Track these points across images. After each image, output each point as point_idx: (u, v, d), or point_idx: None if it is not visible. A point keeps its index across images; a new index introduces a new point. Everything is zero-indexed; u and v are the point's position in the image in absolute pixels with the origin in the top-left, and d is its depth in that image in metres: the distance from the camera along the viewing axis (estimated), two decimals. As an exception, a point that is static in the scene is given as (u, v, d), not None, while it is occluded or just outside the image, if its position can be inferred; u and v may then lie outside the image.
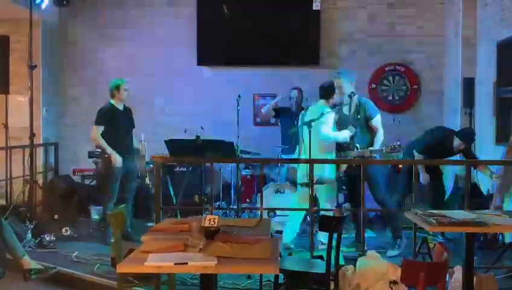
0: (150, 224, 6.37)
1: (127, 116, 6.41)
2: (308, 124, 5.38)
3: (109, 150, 6.13)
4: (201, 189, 6.60)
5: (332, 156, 5.71)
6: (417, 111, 8.40)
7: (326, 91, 5.82)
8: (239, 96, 7.03)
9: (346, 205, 7.42)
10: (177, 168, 7.51)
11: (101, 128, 6.20)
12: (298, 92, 7.38)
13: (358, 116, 5.61)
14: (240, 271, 3.49)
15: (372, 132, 5.70)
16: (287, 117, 7.27)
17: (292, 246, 5.78)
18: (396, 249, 5.63)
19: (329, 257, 3.66)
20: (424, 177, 6.24)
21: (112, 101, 6.30)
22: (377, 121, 5.70)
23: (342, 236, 3.80)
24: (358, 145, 5.58)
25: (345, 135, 5.63)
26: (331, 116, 5.72)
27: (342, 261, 4.35)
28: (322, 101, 5.83)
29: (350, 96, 5.71)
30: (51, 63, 8.31)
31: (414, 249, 4.92)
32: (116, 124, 6.24)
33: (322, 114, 5.55)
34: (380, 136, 5.67)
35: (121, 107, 6.33)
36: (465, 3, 7.50)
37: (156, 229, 3.69)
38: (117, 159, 6.11)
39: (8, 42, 6.78)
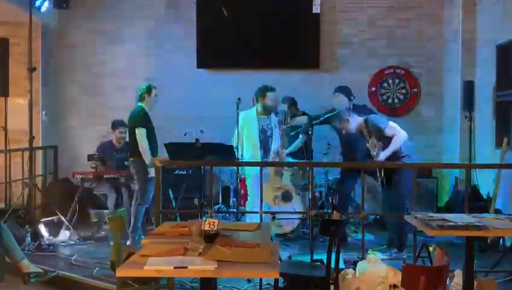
0: (149, 227, 6.35)
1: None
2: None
3: (149, 160, 5.96)
4: (200, 192, 6.58)
5: None
6: (417, 114, 8.38)
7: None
8: (239, 99, 7.00)
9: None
10: (177, 172, 7.49)
11: (145, 130, 6.05)
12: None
13: (369, 132, 5.68)
14: (240, 275, 3.49)
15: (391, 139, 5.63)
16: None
17: None
18: (384, 253, 5.46)
19: (329, 260, 3.66)
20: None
21: (142, 104, 6.18)
22: (390, 128, 5.67)
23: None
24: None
25: None
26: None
27: (341, 265, 4.34)
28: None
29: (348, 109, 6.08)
30: (50, 66, 8.30)
31: (414, 253, 4.91)
32: (150, 127, 6.17)
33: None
34: (395, 139, 5.60)
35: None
36: (464, 6, 7.49)
37: (155, 233, 3.69)
38: (151, 169, 5.91)
39: (7, 45, 6.79)
